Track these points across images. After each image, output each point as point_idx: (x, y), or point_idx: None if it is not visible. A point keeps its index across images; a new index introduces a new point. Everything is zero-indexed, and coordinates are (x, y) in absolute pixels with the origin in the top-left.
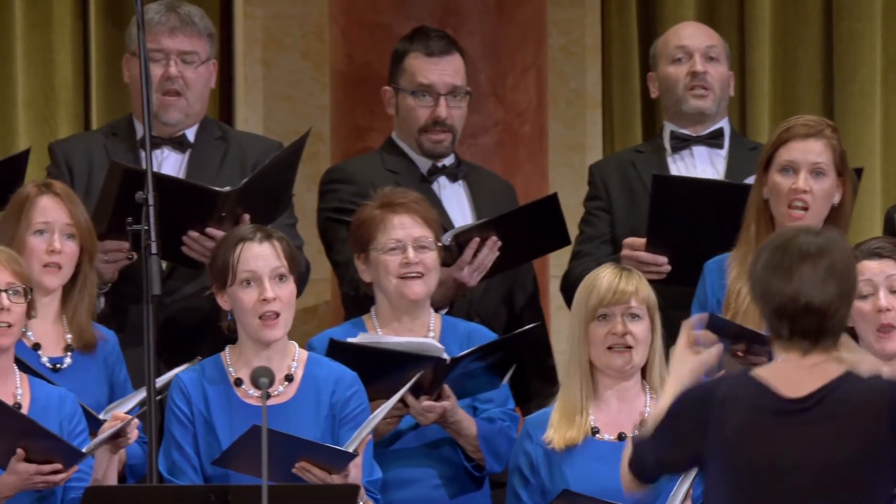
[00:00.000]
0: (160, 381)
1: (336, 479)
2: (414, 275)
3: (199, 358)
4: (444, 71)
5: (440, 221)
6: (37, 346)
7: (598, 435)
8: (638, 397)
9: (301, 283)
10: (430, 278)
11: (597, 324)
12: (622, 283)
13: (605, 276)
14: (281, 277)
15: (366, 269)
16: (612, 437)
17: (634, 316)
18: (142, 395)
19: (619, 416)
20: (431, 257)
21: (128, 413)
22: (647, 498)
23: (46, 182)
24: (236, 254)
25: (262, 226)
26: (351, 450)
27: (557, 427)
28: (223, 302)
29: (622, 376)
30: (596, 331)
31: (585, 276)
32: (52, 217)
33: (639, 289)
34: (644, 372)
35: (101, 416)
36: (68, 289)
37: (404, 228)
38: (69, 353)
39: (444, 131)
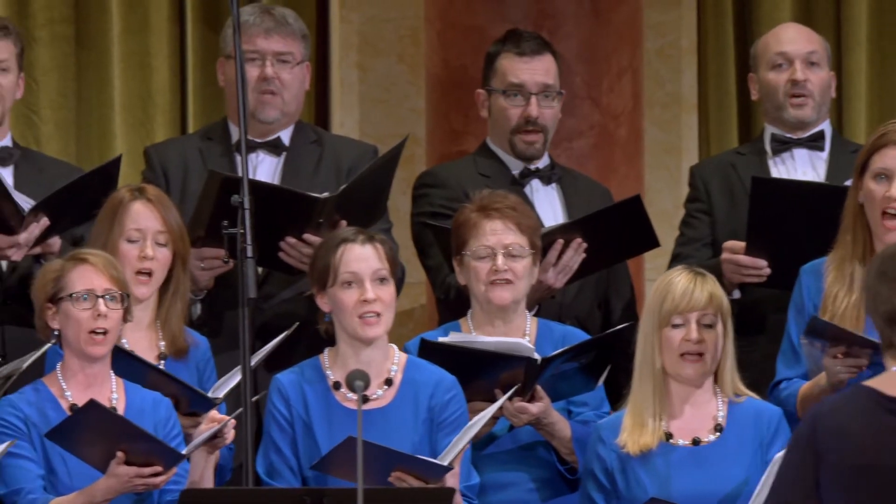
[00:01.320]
0: (258, 356)
1: None
2: (502, 282)
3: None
4: (536, 70)
5: (537, 227)
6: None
7: (671, 440)
8: (710, 402)
9: (397, 287)
10: (520, 285)
11: (670, 329)
12: (697, 289)
13: (679, 281)
14: (382, 279)
15: (461, 271)
16: (686, 442)
17: (708, 323)
18: (236, 378)
19: (691, 421)
20: (522, 265)
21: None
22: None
23: (140, 187)
24: (338, 255)
25: (363, 229)
26: (447, 462)
27: (630, 432)
28: (323, 304)
29: (695, 383)
30: (669, 336)
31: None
32: (145, 224)
33: (713, 294)
34: (716, 376)
35: (209, 394)
36: (161, 294)
37: (496, 235)
38: (161, 362)
39: (536, 131)
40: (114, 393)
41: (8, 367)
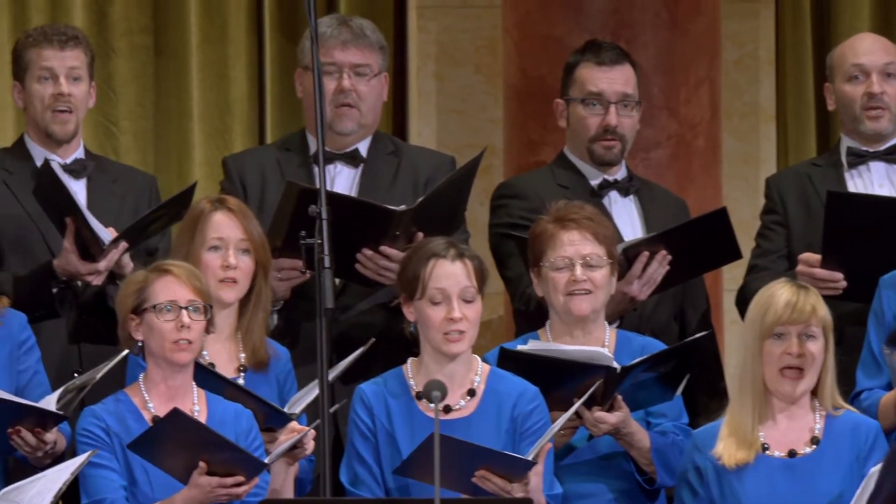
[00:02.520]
0: (335, 370)
1: (516, 488)
2: (581, 292)
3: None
4: (615, 79)
5: (615, 237)
6: (211, 366)
7: (767, 451)
8: (808, 415)
9: None
10: (599, 295)
11: (772, 341)
12: (800, 302)
13: (782, 294)
14: (469, 297)
15: (538, 283)
16: (782, 454)
17: (811, 336)
18: (314, 393)
19: (788, 433)
20: (601, 274)
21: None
22: None
23: (220, 197)
24: (428, 269)
25: (455, 241)
26: (531, 458)
27: (727, 443)
28: (409, 313)
29: (793, 398)
30: (771, 349)
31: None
32: (227, 233)
33: (816, 308)
34: (816, 388)
35: (285, 410)
36: (243, 304)
37: (573, 245)
38: (242, 373)
39: (615, 139)
40: (196, 404)
41: (82, 378)
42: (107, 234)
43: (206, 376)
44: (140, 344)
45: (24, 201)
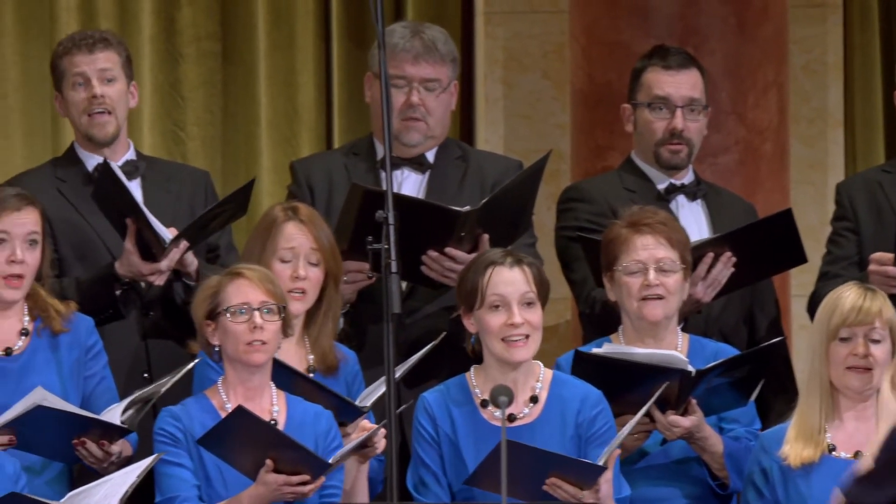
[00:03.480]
0: (404, 366)
1: (587, 495)
2: (654, 297)
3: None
4: (681, 83)
5: (688, 242)
6: None
7: (834, 452)
8: (874, 417)
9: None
10: (672, 300)
11: (838, 344)
12: (866, 304)
13: (849, 296)
14: (529, 303)
15: (611, 287)
16: (849, 455)
17: (876, 339)
18: (377, 393)
19: (856, 435)
20: (674, 280)
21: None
22: None
23: (293, 206)
24: (486, 278)
25: (512, 250)
26: (601, 463)
27: (794, 444)
28: (469, 325)
29: (861, 397)
30: (837, 350)
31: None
32: (298, 244)
33: (882, 310)
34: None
35: (357, 403)
36: (312, 312)
37: (647, 250)
38: (310, 375)
39: (681, 143)
40: (275, 405)
41: (148, 390)
42: (167, 233)
43: (276, 370)
44: (217, 349)
45: (80, 208)
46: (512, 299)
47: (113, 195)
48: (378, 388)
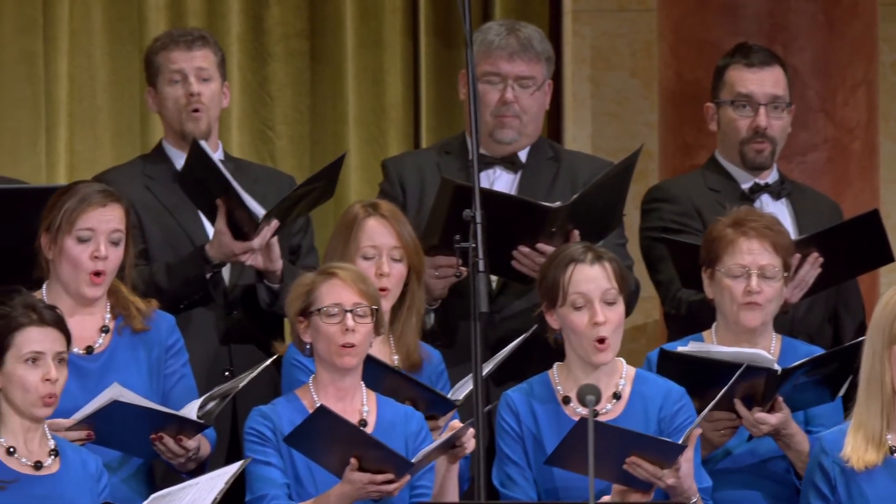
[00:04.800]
0: (494, 360)
1: (667, 474)
2: (753, 304)
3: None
4: (765, 81)
5: (791, 246)
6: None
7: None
8: None
9: (631, 303)
10: (770, 307)
11: None
12: None
13: None
14: (611, 302)
15: (710, 284)
16: None
17: None
18: (469, 386)
19: None
20: (774, 287)
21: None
22: None
23: (373, 203)
24: (567, 275)
25: (592, 245)
26: (680, 441)
27: (854, 446)
28: (552, 321)
29: None
30: None
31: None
32: (380, 240)
33: None
34: None
35: (449, 396)
36: (396, 307)
37: (752, 255)
38: None
39: (765, 141)
40: (365, 406)
41: (226, 386)
42: (260, 209)
43: (367, 366)
44: (309, 346)
45: (167, 204)
46: (594, 297)
47: (203, 175)
48: (468, 382)
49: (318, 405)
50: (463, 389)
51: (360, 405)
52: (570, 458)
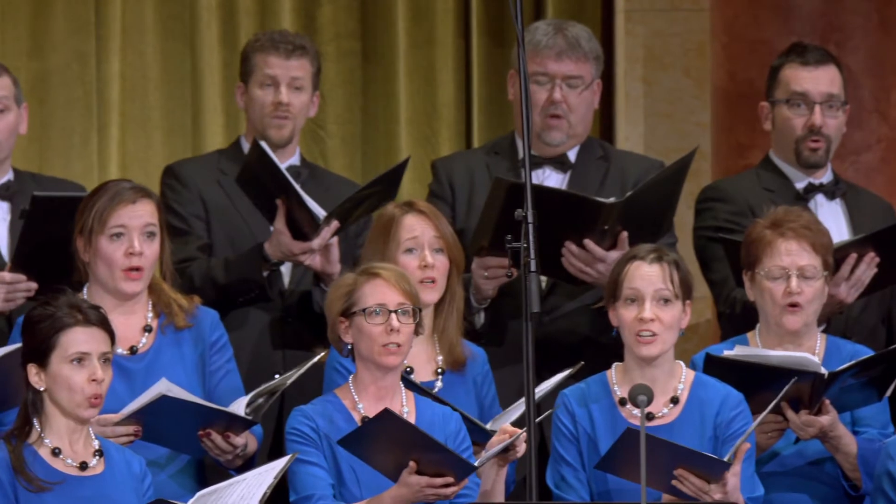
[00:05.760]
0: (541, 390)
1: (714, 489)
2: (794, 305)
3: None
4: (820, 79)
5: (831, 245)
6: (410, 370)
7: None
8: None
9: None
10: (811, 308)
11: None
12: None
13: None
14: (665, 300)
15: (750, 287)
16: None
17: None
18: (519, 410)
19: None
20: (815, 287)
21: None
22: None
23: (409, 202)
24: (625, 271)
25: (660, 247)
26: (726, 458)
27: None
28: (612, 317)
29: None
30: None
31: None
32: (420, 232)
33: None
34: None
35: (487, 427)
36: (438, 304)
37: (790, 256)
38: (440, 377)
39: (820, 140)
40: (404, 406)
41: (273, 383)
42: (321, 211)
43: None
44: (349, 346)
45: (236, 201)
46: (646, 294)
47: (263, 175)
48: (513, 412)
49: (360, 405)
50: (505, 418)
51: (400, 405)
52: (619, 466)
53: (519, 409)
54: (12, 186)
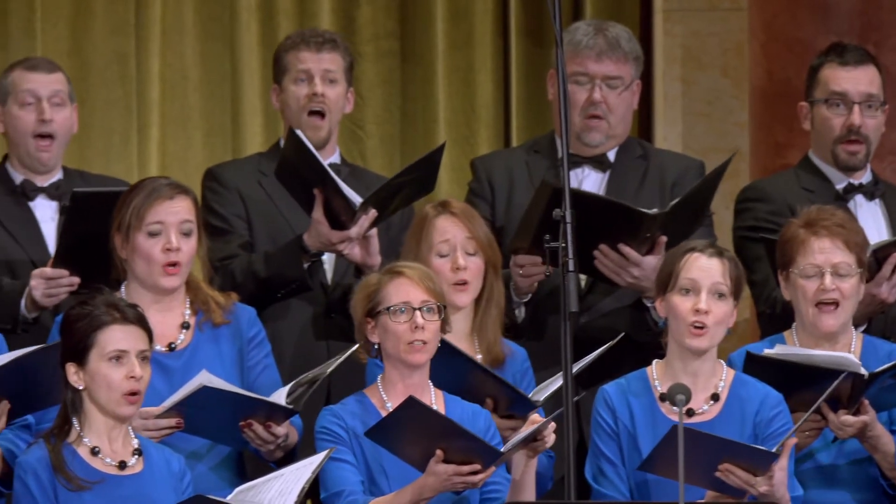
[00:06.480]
0: (580, 364)
1: (760, 482)
2: (829, 302)
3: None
4: (859, 79)
5: (865, 243)
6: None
7: None
8: None
9: None
10: (847, 305)
11: None
12: None
13: None
14: (720, 294)
15: (786, 286)
16: None
17: None
18: (559, 382)
19: None
20: (850, 284)
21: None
22: None
23: (443, 202)
24: (682, 262)
25: (714, 243)
26: (775, 449)
27: None
28: (660, 308)
29: None
30: None
31: None
32: (452, 235)
33: None
34: None
35: (531, 396)
36: (476, 303)
37: (824, 254)
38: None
39: (858, 141)
40: (434, 404)
41: (313, 373)
42: (357, 197)
43: (450, 359)
44: (376, 346)
45: (277, 201)
46: (703, 286)
47: (300, 165)
48: (552, 384)
49: (388, 404)
50: (545, 390)
51: (429, 403)
52: (663, 465)
53: (557, 382)
54: (62, 185)
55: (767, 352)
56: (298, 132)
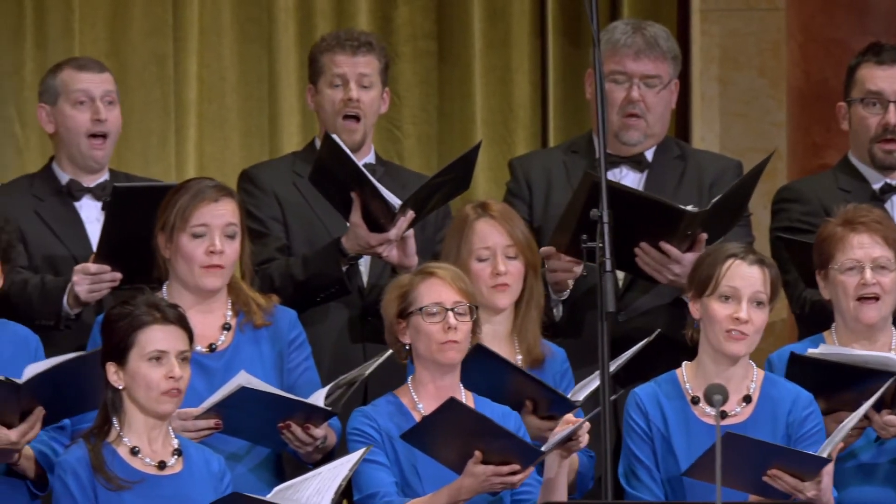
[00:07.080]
0: (617, 361)
1: (808, 487)
2: (870, 296)
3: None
4: (895, 78)
5: None
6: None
7: None
8: None
9: None
10: (887, 300)
11: None
12: None
13: None
14: (759, 303)
15: (825, 286)
16: None
17: None
18: (596, 382)
19: None
20: (890, 279)
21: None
22: None
23: (483, 203)
24: (724, 267)
25: (752, 247)
26: (825, 455)
27: None
28: (695, 310)
29: None
30: None
31: None
32: (492, 241)
33: None
34: None
35: (569, 396)
36: (517, 304)
37: (863, 248)
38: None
39: (895, 140)
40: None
41: (351, 374)
42: (396, 199)
43: (488, 362)
44: (408, 347)
45: (312, 202)
46: (744, 294)
47: (337, 168)
48: (590, 383)
49: (420, 405)
50: (584, 390)
51: None
52: (707, 473)
53: (595, 381)
54: (108, 186)
55: (812, 352)
56: (335, 137)
